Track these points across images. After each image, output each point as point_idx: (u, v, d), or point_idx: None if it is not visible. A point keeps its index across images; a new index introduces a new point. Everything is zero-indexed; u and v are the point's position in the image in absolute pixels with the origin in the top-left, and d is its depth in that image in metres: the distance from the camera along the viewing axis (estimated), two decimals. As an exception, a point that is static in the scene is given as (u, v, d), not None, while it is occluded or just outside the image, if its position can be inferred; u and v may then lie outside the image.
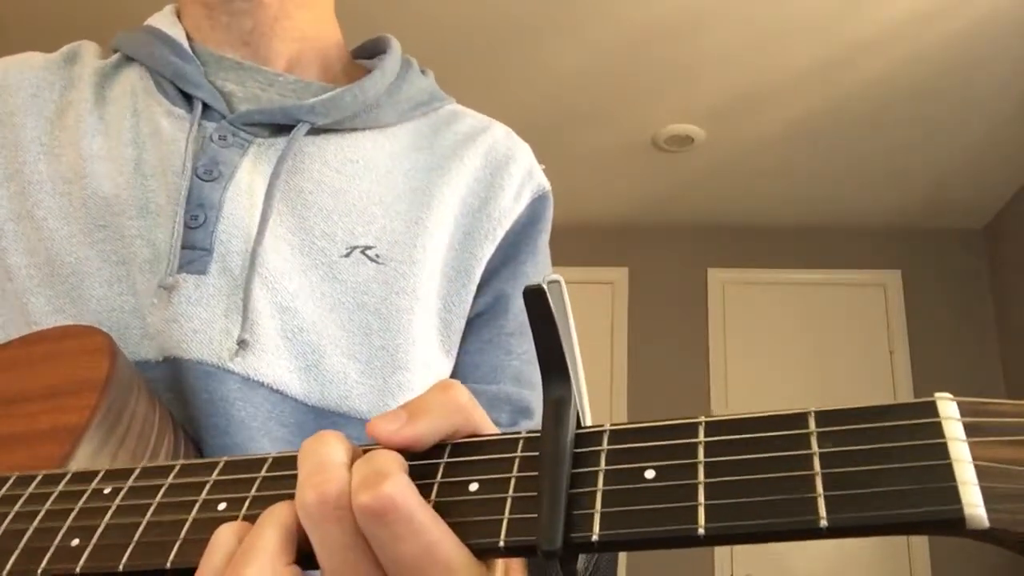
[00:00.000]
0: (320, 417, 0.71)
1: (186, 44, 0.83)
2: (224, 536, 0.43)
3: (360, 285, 0.75)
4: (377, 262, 0.76)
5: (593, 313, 4.82)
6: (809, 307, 4.85)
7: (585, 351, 0.82)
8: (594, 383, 4.62)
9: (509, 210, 0.83)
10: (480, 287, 0.81)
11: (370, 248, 0.76)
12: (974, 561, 4.26)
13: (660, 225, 5.02)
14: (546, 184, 0.89)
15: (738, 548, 4.41)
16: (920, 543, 4.40)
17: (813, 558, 4.45)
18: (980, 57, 3.57)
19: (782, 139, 4.21)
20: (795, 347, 4.78)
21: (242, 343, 0.69)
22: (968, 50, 3.53)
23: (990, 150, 4.19)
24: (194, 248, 0.71)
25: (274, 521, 0.42)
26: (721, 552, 4.42)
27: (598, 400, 4.65)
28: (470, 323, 0.80)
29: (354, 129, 0.82)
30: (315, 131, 0.80)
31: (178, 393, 0.68)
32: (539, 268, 0.85)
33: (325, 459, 0.42)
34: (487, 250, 0.81)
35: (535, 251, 0.85)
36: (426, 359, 0.76)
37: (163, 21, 0.85)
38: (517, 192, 0.85)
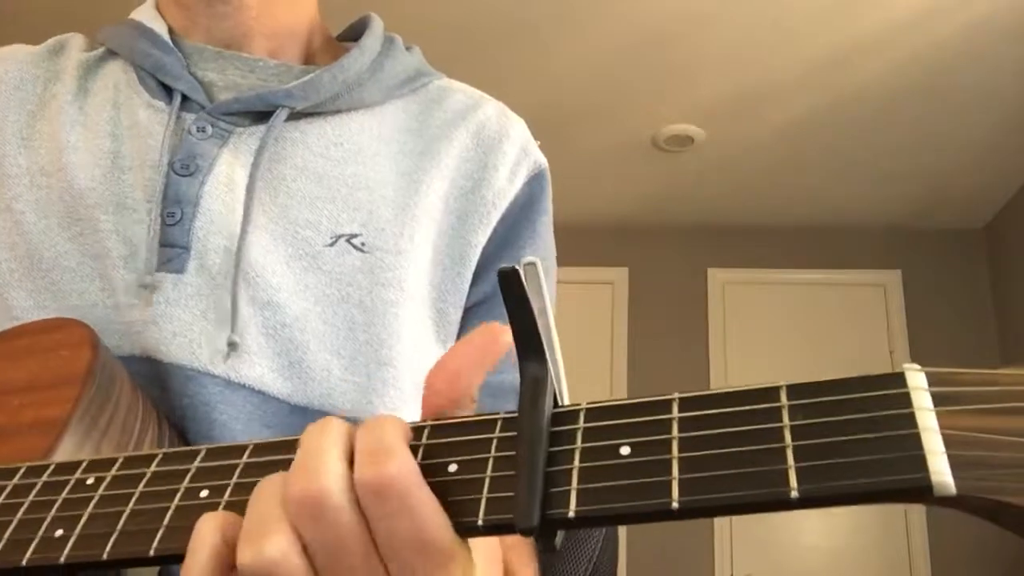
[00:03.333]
0: (304, 416, 0.70)
1: (167, 36, 0.81)
2: (206, 529, 0.43)
3: (345, 276, 0.73)
4: (363, 251, 0.74)
5: (593, 313, 4.83)
6: (809, 307, 4.85)
7: (585, 351, 0.81)
8: (594, 383, 4.64)
9: (504, 191, 0.81)
10: (477, 274, 0.78)
11: (356, 236, 0.74)
12: (974, 558, 4.26)
13: (660, 225, 5.02)
14: (543, 161, 0.85)
15: (738, 547, 4.41)
16: (920, 540, 4.39)
17: (813, 556, 4.45)
18: (980, 57, 3.57)
19: (782, 139, 4.21)
20: (795, 347, 4.78)
21: (232, 345, 0.68)
22: (968, 50, 3.53)
23: (990, 150, 4.19)
24: (172, 246, 0.70)
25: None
26: (721, 551, 4.42)
27: (597, 400, 4.64)
28: (468, 312, 0.78)
29: (338, 111, 0.80)
30: (297, 116, 0.78)
31: (158, 392, 0.67)
32: (539, 253, 0.82)
33: (315, 451, 0.42)
34: (482, 235, 0.79)
35: (535, 234, 0.82)
36: (415, 353, 0.74)
37: (145, 14, 0.84)
38: (512, 171, 0.82)
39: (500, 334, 0.44)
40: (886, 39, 3.50)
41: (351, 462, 0.41)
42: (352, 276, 0.73)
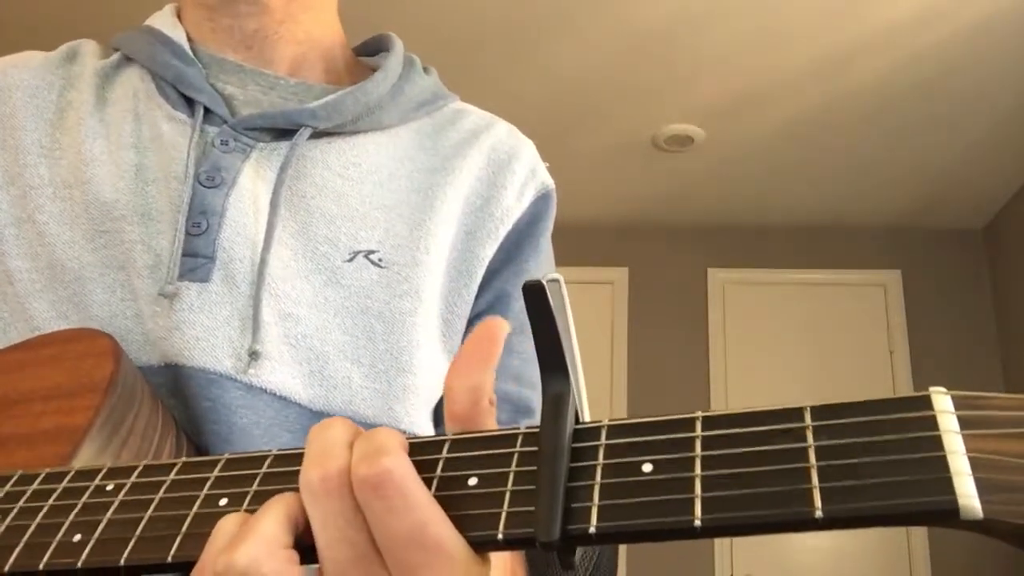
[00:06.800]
0: None
1: (187, 46, 0.82)
2: (227, 525, 0.44)
3: (363, 290, 0.74)
4: (380, 266, 0.75)
5: (593, 313, 4.83)
6: (809, 307, 4.85)
7: (585, 351, 0.82)
8: (594, 383, 4.63)
9: (511, 209, 0.83)
10: (482, 286, 0.80)
11: (373, 252, 0.75)
12: (973, 558, 4.27)
13: (660, 225, 5.02)
14: (550, 182, 0.88)
15: (738, 547, 4.42)
16: (920, 540, 4.40)
17: (813, 556, 4.46)
18: (980, 57, 3.57)
19: (782, 139, 4.21)
20: (795, 347, 4.78)
21: (254, 354, 0.69)
22: (968, 50, 3.54)
23: (990, 150, 4.20)
24: (196, 256, 0.71)
25: (275, 507, 0.43)
26: (721, 551, 4.42)
27: (598, 400, 4.65)
28: (471, 322, 0.80)
29: (356, 132, 0.81)
30: (317, 135, 0.79)
31: (180, 399, 0.68)
32: (542, 267, 0.84)
33: (329, 441, 0.43)
34: (489, 249, 0.81)
35: (538, 250, 0.84)
36: (430, 361, 0.76)
37: (163, 22, 0.84)
38: (520, 191, 0.84)
39: (498, 329, 0.45)
40: (886, 39, 3.50)
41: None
42: (370, 290, 0.74)
